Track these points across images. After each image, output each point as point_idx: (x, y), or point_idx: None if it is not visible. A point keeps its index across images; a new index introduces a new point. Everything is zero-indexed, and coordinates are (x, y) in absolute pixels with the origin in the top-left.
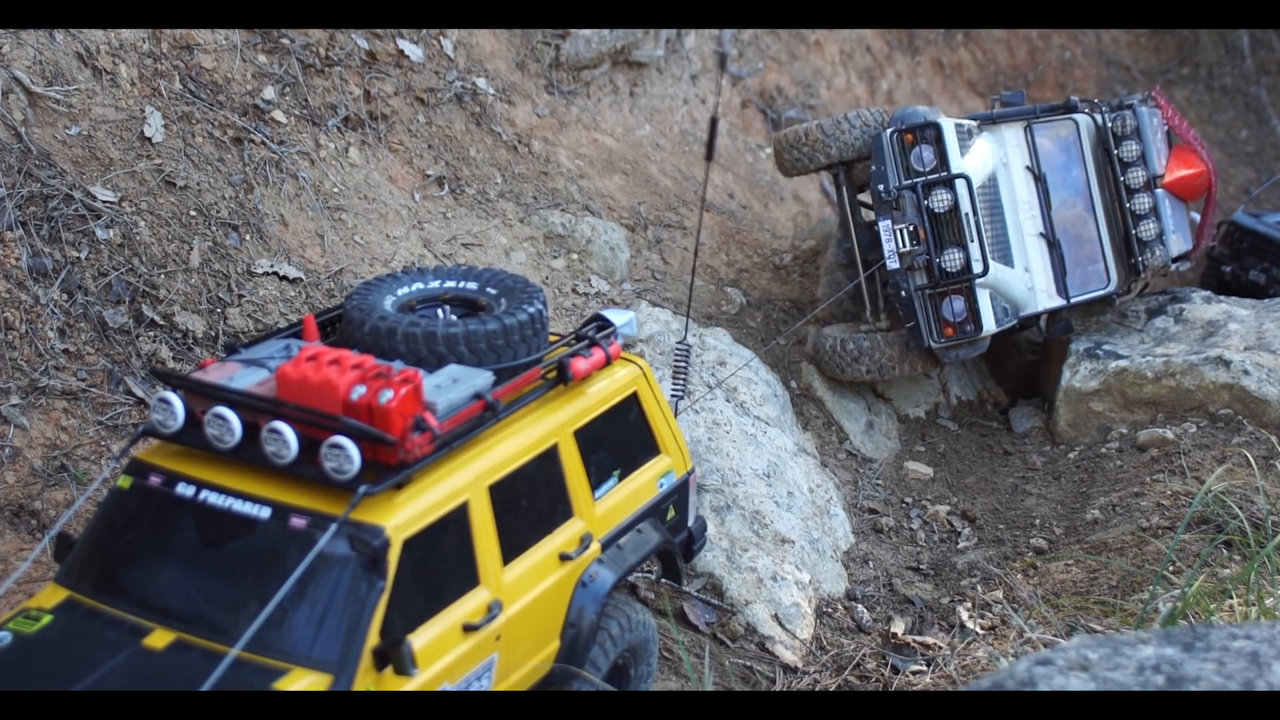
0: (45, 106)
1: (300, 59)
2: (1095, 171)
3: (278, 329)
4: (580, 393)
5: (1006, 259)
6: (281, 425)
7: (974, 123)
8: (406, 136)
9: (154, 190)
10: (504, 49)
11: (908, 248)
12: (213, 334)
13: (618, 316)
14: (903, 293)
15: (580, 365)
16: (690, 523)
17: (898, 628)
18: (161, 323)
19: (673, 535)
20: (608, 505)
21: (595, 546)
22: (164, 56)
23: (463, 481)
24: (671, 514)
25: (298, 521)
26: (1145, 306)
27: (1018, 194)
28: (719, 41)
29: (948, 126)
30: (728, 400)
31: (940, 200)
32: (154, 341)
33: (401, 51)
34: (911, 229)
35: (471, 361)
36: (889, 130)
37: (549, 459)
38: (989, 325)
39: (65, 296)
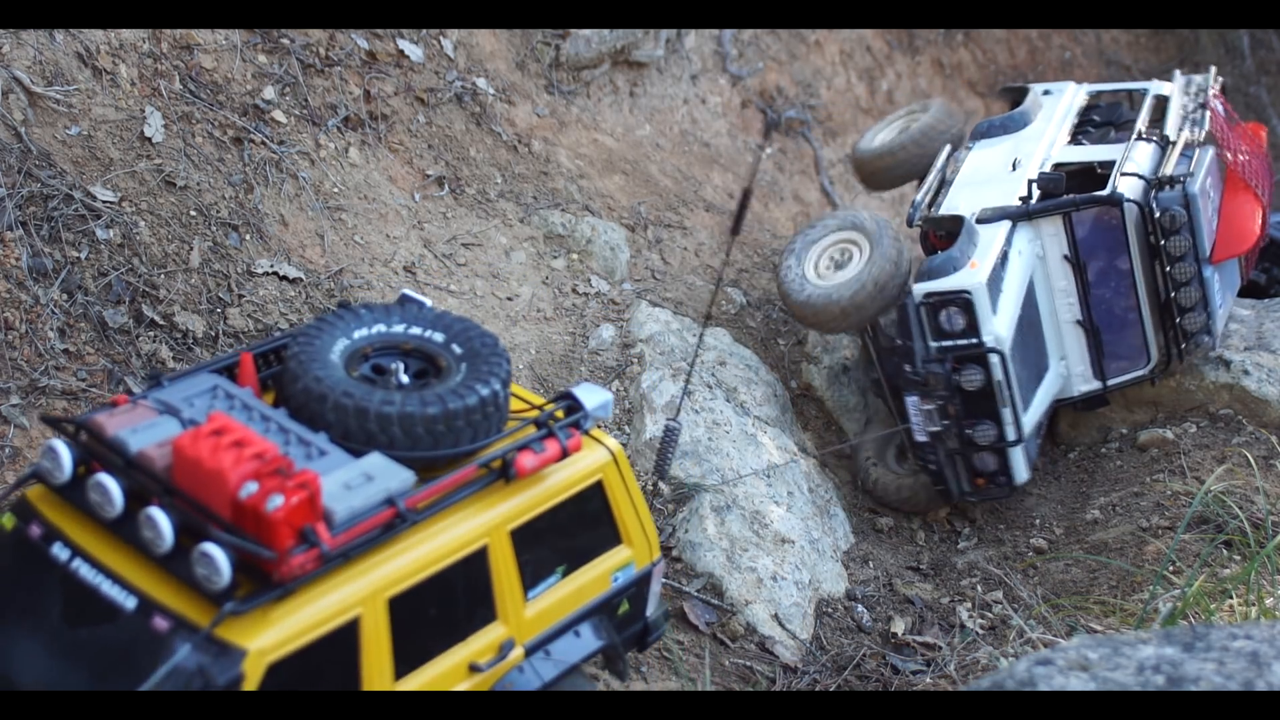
0: (45, 106)
1: (300, 59)
2: (1139, 258)
3: (212, 360)
4: (526, 485)
5: (1041, 358)
6: (157, 514)
7: (1004, 232)
8: (406, 136)
9: (154, 190)
10: (504, 49)
11: (938, 427)
12: (213, 334)
13: (590, 397)
14: (930, 464)
15: (527, 463)
16: (649, 613)
17: (898, 628)
18: (161, 323)
19: (623, 630)
20: (542, 606)
21: (518, 653)
22: (164, 56)
23: (356, 594)
24: (624, 608)
25: (160, 622)
26: None
27: (1054, 283)
28: (720, 41)
29: (978, 294)
30: (728, 400)
31: (972, 379)
32: (154, 341)
33: (401, 51)
34: (940, 406)
35: (405, 445)
36: (915, 302)
37: (474, 562)
38: (1021, 477)
39: (65, 296)
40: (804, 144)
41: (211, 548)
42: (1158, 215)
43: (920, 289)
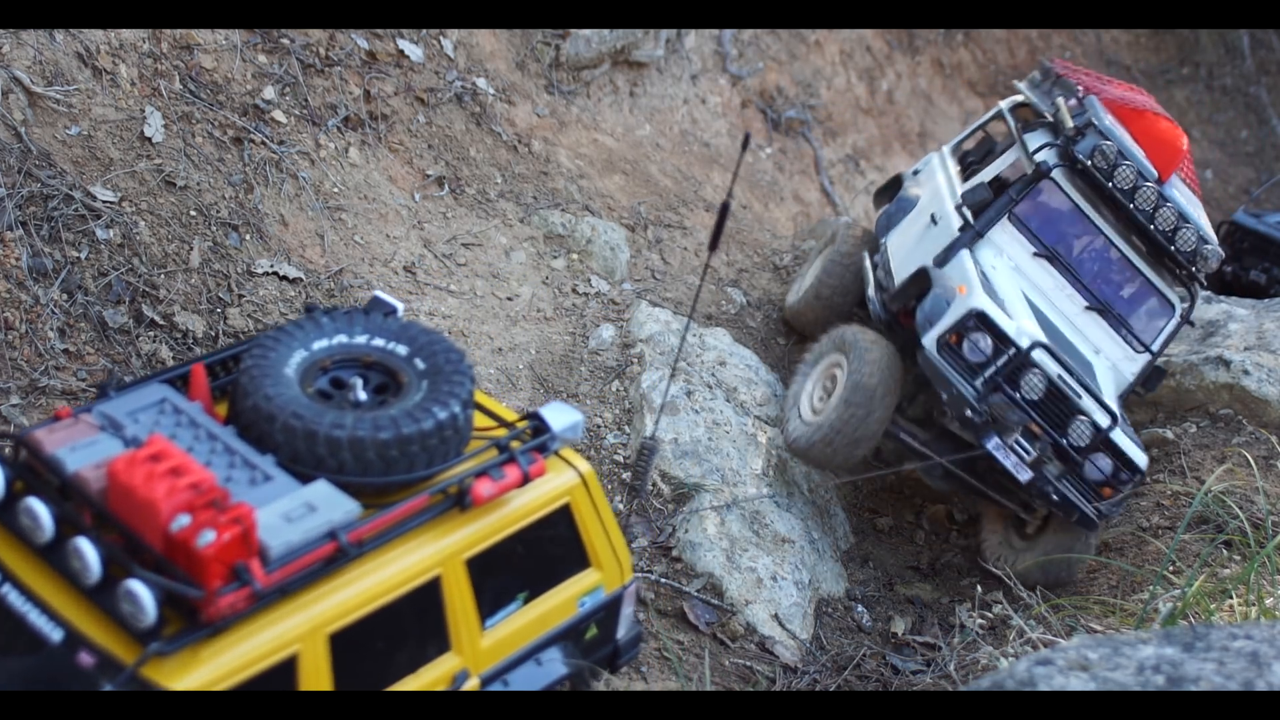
0: (45, 106)
1: (300, 59)
2: (1101, 215)
3: (163, 370)
4: (485, 511)
5: (1078, 356)
6: (84, 545)
7: (968, 258)
8: (406, 136)
9: (154, 190)
10: (504, 49)
11: (1034, 453)
12: (213, 334)
13: (559, 417)
14: (1054, 496)
15: (484, 490)
16: (620, 635)
17: (898, 628)
18: (161, 323)
19: (591, 653)
20: (501, 634)
21: (473, 684)
22: (164, 56)
23: (294, 631)
24: (592, 632)
25: (85, 658)
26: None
27: (1043, 286)
28: (720, 41)
29: (986, 306)
30: (728, 400)
31: (1033, 385)
32: (154, 341)
33: (401, 51)
34: (1023, 430)
35: (356, 470)
36: (932, 353)
37: (425, 593)
38: (1142, 459)
39: (65, 296)
40: (804, 144)
41: (136, 585)
42: (1090, 161)
43: (930, 338)
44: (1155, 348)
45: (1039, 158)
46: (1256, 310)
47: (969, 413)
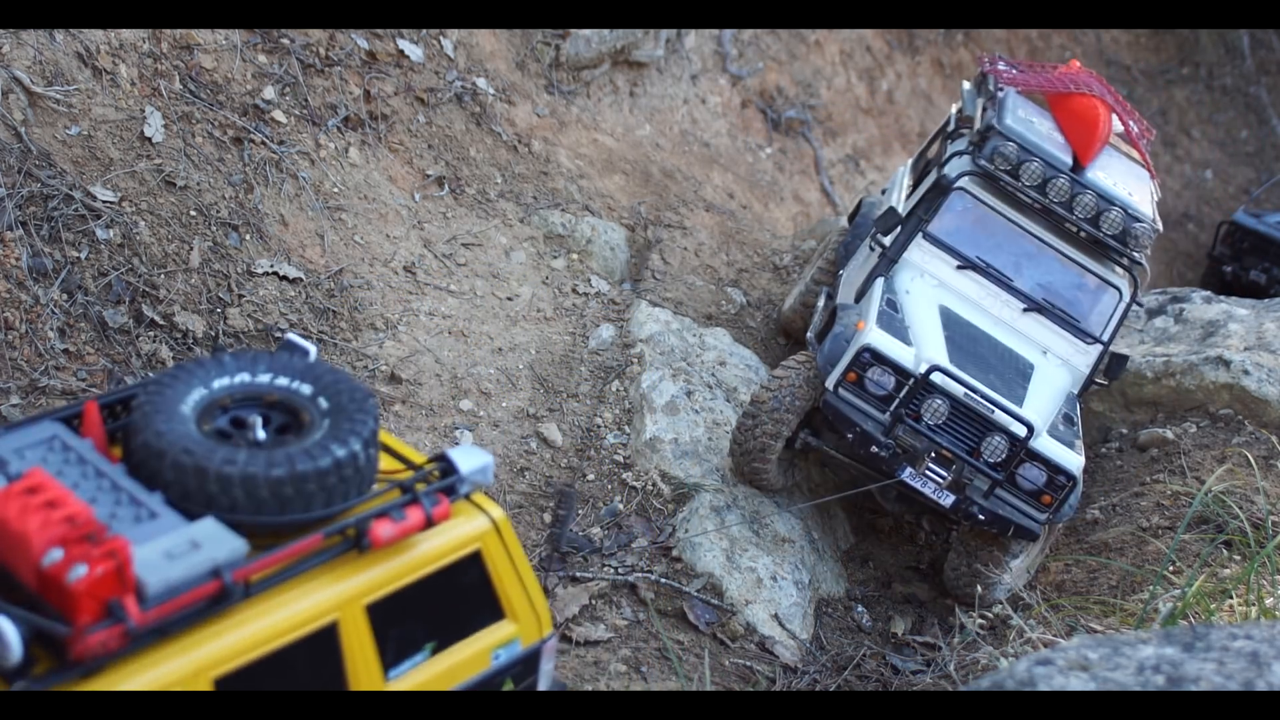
0: (45, 106)
1: (300, 59)
2: (1017, 212)
3: (57, 409)
4: (388, 555)
5: (1014, 361)
6: None
7: (879, 285)
8: (406, 136)
9: (154, 190)
10: (504, 49)
11: (949, 475)
12: (213, 334)
13: (468, 459)
14: (980, 516)
15: (384, 532)
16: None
17: (898, 628)
18: (161, 323)
19: None
20: (406, 686)
21: None
22: (164, 56)
23: (174, 674)
24: (509, 687)
25: None
26: (1145, 306)
27: (975, 297)
28: (720, 41)
29: (878, 339)
30: (728, 400)
31: (935, 410)
32: (154, 341)
33: (401, 51)
34: (934, 457)
35: (249, 509)
36: (832, 395)
37: (322, 638)
38: (1075, 462)
39: (65, 296)
40: (804, 144)
41: (1, 621)
42: (992, 164)
43: (831, 381)
44: (1105, 336)
45: (949, 168)
46: (1256, 310)
47: (874, 449)
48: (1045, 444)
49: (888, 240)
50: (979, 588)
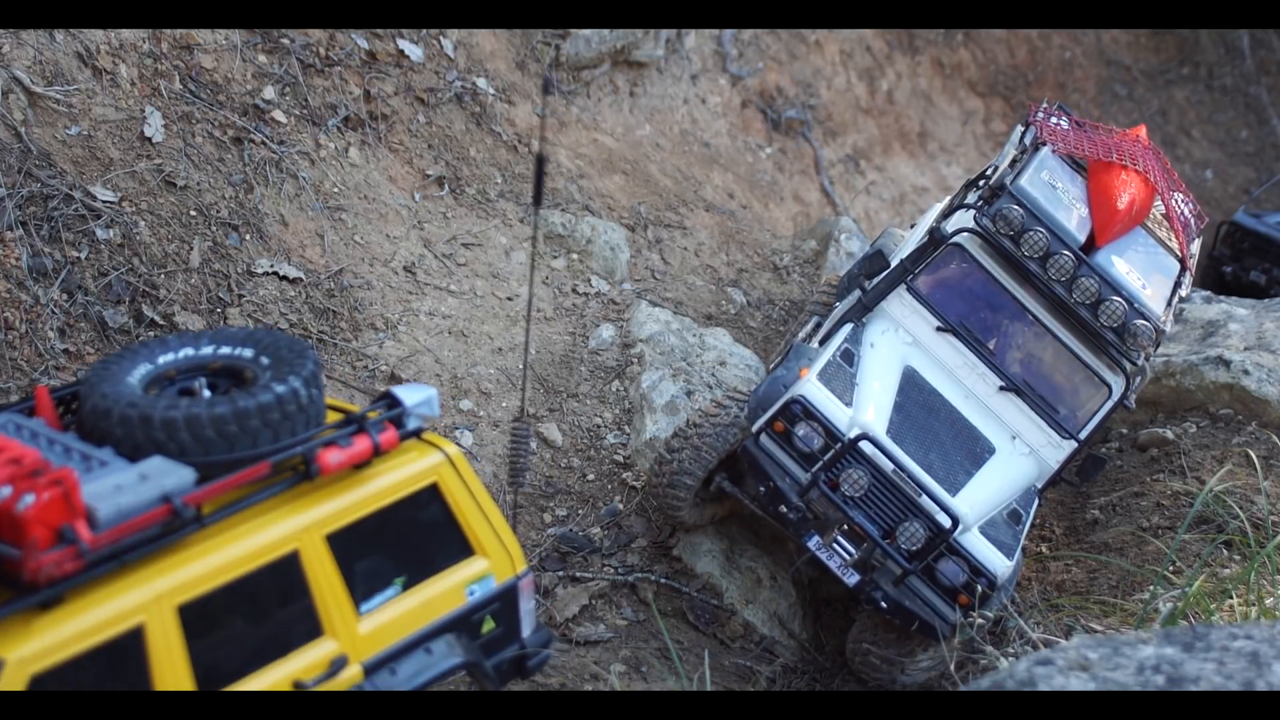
0: (45, 106)
1: (300, 59)
2: (1016, 284)
3: (8, 404)
4: (344, 488)
5: (971, 443)
6: None
7: (843, 332)
8: (406, 136)
9: (154, 190)
10: (504, 49)
11: (857, 554)
12: None
13: (412, 395)
14: (882, 604)
15: (331, 458)
16: (526, 634)
17: None
18: (161, 323)
19: (494, 652)
20: (380, 621)
21: (354, 671)
22: (164, 56)
23: (137, 600)
24: (489, 626)
25: None
26: None
27: (949, 363)
28: (720, 41)
29: (813, 393)
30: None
31: (855, 481)
32: None
33: (401, 51)
34: (844, 530)
35: (197, 451)
36: (756, 432)
37: (284, 569)
38: (1001, 566)
39: (65, 296)
40: (804, 144)
41: None
42: (994, 225)
43: (754, 427)
44: (1083, 435)
45: (951, 221)
46: (1256, 310)
47: (784, 509)
48: (971, 540)
49: (870, 285)
50: (875, 673)
